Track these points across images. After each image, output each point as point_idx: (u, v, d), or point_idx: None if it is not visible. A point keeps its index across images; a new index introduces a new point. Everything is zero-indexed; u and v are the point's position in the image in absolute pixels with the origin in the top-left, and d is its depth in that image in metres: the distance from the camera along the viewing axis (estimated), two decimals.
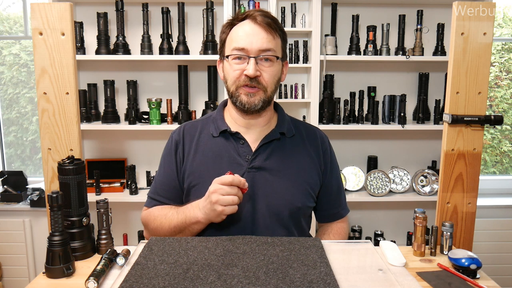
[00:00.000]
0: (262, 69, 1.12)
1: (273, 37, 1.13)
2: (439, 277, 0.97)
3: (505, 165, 2.92)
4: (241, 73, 1.12)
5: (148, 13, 2.33)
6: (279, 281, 0.85)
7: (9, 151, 2.83)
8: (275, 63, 1.14)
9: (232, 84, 1.14)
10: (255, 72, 1.10)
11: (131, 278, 0.86)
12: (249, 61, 1.11)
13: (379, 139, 2.63)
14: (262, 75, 1.12)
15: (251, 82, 1.11)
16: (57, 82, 1.22)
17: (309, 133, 1.28)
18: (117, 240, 2.33)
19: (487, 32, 1.15)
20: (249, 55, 1.10)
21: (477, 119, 1.18)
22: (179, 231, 1.13)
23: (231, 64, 1.14)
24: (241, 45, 1.11)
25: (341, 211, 1.31)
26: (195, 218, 1.09)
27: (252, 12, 1.13)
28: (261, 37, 1.11)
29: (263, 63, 1.12)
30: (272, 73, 1.14)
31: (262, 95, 1.14)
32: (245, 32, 1.12)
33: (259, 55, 1.11)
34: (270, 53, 1.12)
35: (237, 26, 1.14)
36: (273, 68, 1.14)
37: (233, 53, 1.12)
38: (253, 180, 1.15)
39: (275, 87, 1.17)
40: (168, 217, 1.15)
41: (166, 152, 1.27)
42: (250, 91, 1.12)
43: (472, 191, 1.22)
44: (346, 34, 2.48)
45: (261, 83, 1.12)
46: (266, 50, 1.11)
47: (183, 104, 2.39)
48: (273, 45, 1.12)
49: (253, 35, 1.11)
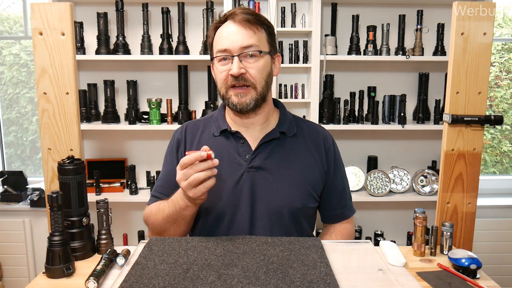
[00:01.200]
0: (247, 66, 1.11)
1: (254, 32, 1.12)
2: (439, 277, 0.97)
3: (505, 165, 2.92)
4: (227, 74, 1.12)
5: (148, 13, 2.33)
6: (279, 281, 0.85)
7: (9, 151, 2.83)
8: (261, 58, 1.13)
9: (221, 86, 1.15)
10: (238, 70, 1.09)
11: (131, 278, 0.86)
12: (232, 60, 1.11)
13: (379, 139, 2.62)
14: (248, 71, 1.11)
15: (237, 81, 1.11)
16: (57, 82, 1.22)
17: (311, 132, 1.27)
18: (117, 240, 2.32)
19: (487, 32, 1.15)
20: (233, 54, 1.11)
21: (477, 119, 1.18)
22: (173, 221, 1.12)
23: (217, 66, 1.15)
24: (224, 46, 1.11)
25: (345, 211, 1.29)
26: (182, 203, 1.07)
27: (233, 11, 1.14)
28: (241, 35, 1.11)
29: (248, 60, 1.12)
30: (259, 68, 1.13)
31: (253, 94, 1.13)
32: (227, 32, 1.12)
33: (241, 53, 1.11)
34: (253, 49, 1.11)
35: (220, 28, 1.15)
36: (259, 63, 1.13)
37: (218, 55, 1.13)
38: (252, 180, 1.15)
39: (266, 82, 1.15)
40: (161, 208, 1.15)
41: (168, 151, 1.28)
42: (240, 91, 1.12)
43: (472, 191, 1.22)
44: (346, 34, 2.48)
45: (249, 80, 1.12)
46: (248, 46, 1.11)
47: (183, 104, 2.39)
48: (254, 40, 1.11)
49: (234, 34, 1.11)
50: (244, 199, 1.14)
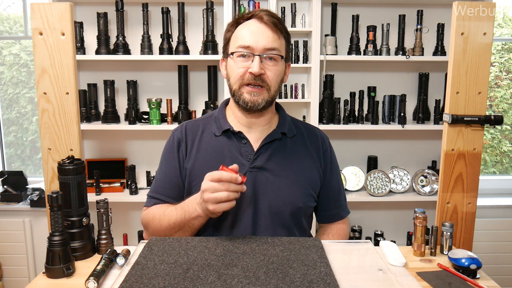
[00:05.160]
0: (266, 67, 1.12)
1: (278, 37, 1.13)
2: (439, 277, 0.97)
3: (505, 165, 2.92)
4: (245, 71, 1.12)
5: (148, 13, 2.33)
6: (279, 281, 0.85)
7: (9, 151, 2.83)
8: (279, 63, 1.14)
9: (235, 82, 1.14)
10: (259, 70, 1.10)
11: (131, 278, 0.86)
12: (254, 59, 1.11)
13: (379, 139, 2.63)
14: (266, 73, 1.12)
15: (255, 80, 1.11)
16: (57, 82, 1.22)
17: (309, 133, 1.28)
18: (117, 240, 2.32)
19: (487, 32, 1.15)
20: (254, 53, 1.11)
21: (477, 119, 1.18)
22: (179, 228, 1.11)
23: (235, 61, 1.14)
24: (247, 43, 1.11)
25: (341, 212, 1.31)
26: (195, 212, 1.06)
27: (258, 11, 1.14)
28: (266, 36, 1.11)
29: (268, 62, 1.12)
30: (276, 72, 1.14)
31: (266, 95, 1.14)
32: (251, 31, 1.12)
33: (264, 54, 1.11)
34: (275, 52, 1.12)
35: (242, 24, 1.15)
36: (277, 67, 1.14)
37: (238, 51, 1.12)
38: (254, 180, 1.15)
39: (278, 86, 1.17)
40: (167, 214, 1.13)
41: (167, 150, 1.26)
42: (254, 90, 1.12)
43: (472, 191, 1.22)
44: (346, 34, 2.48)
45: (265, 81, 1.12)
46: (271, 49, 1.11)
47: (183, 104, 2.39)
48: (278, 44, 1.13)
49: (259, 34, 1.11)
50: (247, 199, 1.14)
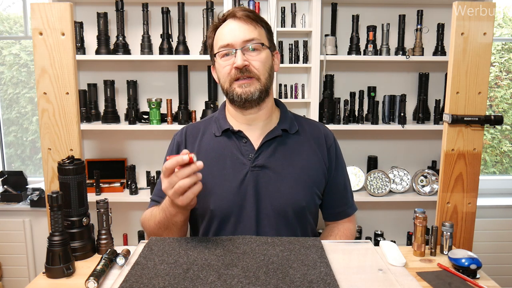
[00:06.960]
0: (250, 58, 1.13)
1: (254, 27, 1.15)
2: (439, 277, 0.97)
3: (505, 165, 2.91)
4: (231, 68, 1.13)
5: (148, 13, 2.33)
6: (279, 281, 0.85)
7: (9, 151, 2.83)
8: (263, 52, 1.16)
9: (225, 80, 1.16)
10: (243, 62, 1.11)
11: (131, 278, 0.86)
12: (236, 54, 1.12)
13: (379, 139, 2.62)
14: (252, 63, 1.13)
15: (242, 74, 1.12)
16: (57, 82, 1.22)
17: (313, 129, 1.27)
18: (117, 240, 2.33)
19: (487, 32, 1.15)
20: (235, 48, 1.12)
21: (477, 119, 1.18)
22: (165, 227, 1.11)
23: (220, 62, 1.16)
24: (226, 41, 1.13)
25: (347, 209, 1.30)
26: (173, 210, 1.05)
27: (231, 10, 1.17)
28: (243, 30, 1.13)
29: (250, 53, 1.14)
30: (261, 60, 1.15)
31: (257, 85, 1.14)
32: (229, 29, 1.15)
33: (244, 46, 1.13)
34: (255, 42, 1.14)
35: (220, 27, 1.18)
36: (261, 55, 1.15)
37: (220, 51, 1.15)
38: (256, 179, 1.15)
39: (269, 75, 1.17)
40: (153, 214, 1.15)
41: (168, 154, 1.28)
42: (244, 82, 1.13)
43: (472, 191, 1.22)
44: (346, 34, 2.48)
45: (253, 72, 1.13)
46: (250, 40, 1.13)
47: (183, 104, 2.39)
48: (256, 34, 1.14)
49: (236, 30, 1.14)
50: (249, 198, 1.14)
